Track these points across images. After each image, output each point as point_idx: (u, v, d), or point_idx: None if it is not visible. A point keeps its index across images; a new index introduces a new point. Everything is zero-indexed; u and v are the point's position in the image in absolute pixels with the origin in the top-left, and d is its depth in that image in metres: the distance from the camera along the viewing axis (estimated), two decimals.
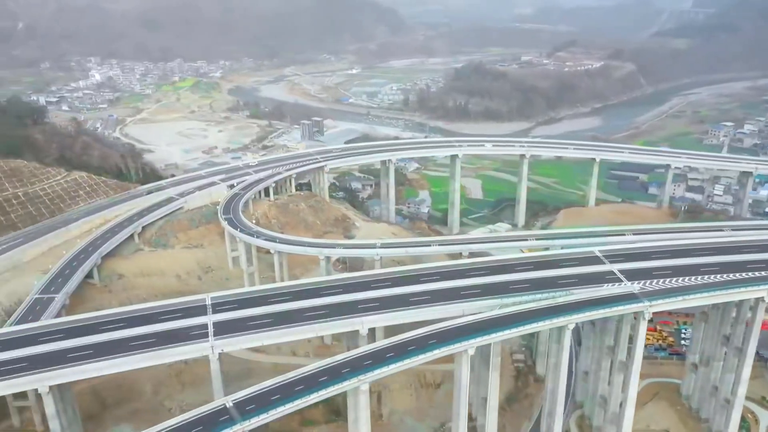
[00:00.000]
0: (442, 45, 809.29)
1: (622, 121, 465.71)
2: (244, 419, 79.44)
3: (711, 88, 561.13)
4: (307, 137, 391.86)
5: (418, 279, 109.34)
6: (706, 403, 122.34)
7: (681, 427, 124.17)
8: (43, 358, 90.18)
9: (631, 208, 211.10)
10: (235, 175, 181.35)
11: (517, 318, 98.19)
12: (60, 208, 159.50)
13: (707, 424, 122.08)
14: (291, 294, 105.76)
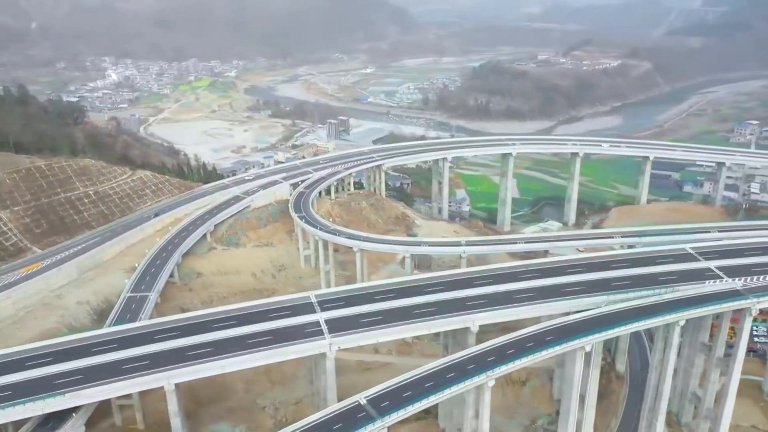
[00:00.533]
0: (453, 44, 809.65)
1: (643, 120, 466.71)
2: (384, 416, 79.50)
3: (728, 86, 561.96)
4: (333, 136, 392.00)
5: (517, 276, 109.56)
6: None
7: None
8: (164, 356, 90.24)
9: (684, 206, 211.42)
10: (296, 173, 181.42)
11: (627, 315, 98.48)
12: (129, 207, 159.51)
13: None
14: (395, 291, 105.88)
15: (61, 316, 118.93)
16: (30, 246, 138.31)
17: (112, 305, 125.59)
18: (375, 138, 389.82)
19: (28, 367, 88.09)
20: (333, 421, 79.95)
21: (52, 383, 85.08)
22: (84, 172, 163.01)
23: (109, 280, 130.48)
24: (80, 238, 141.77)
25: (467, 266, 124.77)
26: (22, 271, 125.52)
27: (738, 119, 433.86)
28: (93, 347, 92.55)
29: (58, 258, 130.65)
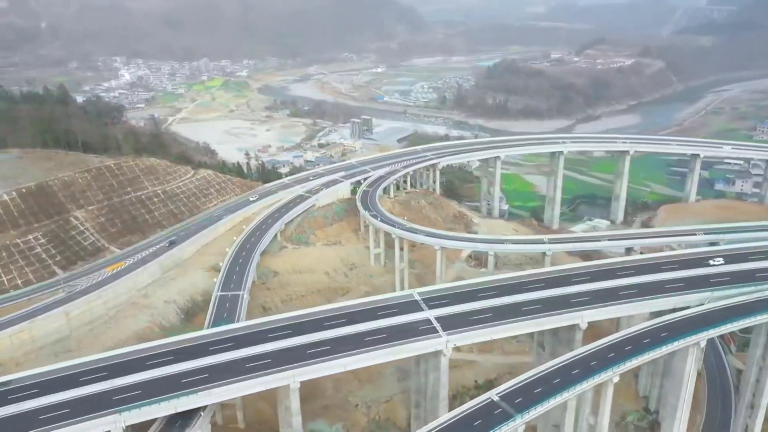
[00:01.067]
0: (461, 43, 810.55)
1: (661, 118, 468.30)
2: (522, 412, 79.79)
3: (742, 84, 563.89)
4: (357, 135, 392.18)
5: (616, 273, 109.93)
6: None
7: None
8: (285, 355, 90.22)
9: (735, 204, 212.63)
10: (355, 172, 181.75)
11: (735, 311, 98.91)
12: (196, 206, 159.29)
13: None
14: (498, 289, 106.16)
15: (150, 316, 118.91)
16: (107, 245, 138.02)
17: (198, 304, 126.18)
18: (399, 137, 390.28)
19: (149, 366, 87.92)
20: (471, 418, 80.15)
21: (179, 382, 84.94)
22: (151, 171, 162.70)
23: (191, 279, 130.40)
24: (155, 238, 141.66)
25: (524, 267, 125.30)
26: (108, 270, 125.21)
27: (757, 117, 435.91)
28: (210, 346, 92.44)
29: (139, 257, 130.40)
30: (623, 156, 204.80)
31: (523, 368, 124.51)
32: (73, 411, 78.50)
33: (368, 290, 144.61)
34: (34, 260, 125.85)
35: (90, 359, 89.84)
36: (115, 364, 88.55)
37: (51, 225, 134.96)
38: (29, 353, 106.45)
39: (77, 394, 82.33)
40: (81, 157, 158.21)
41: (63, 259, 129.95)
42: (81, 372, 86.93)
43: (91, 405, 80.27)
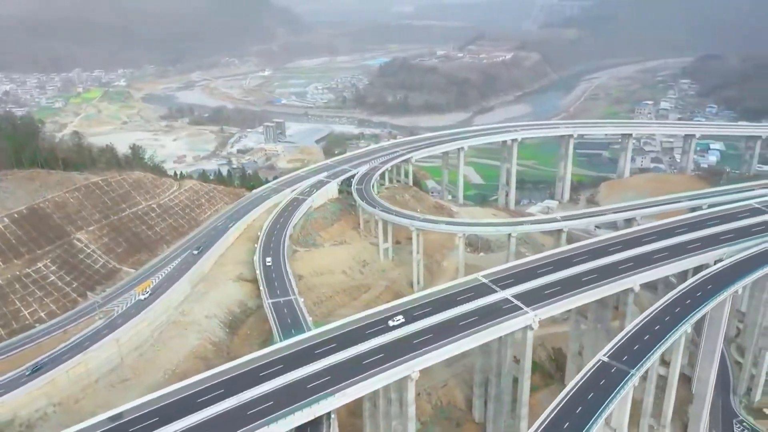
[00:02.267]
0: (344, 43, 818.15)
1: (547, 106, 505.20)
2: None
3: (608, 72, 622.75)
4: (271, 139, 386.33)
5: (641, 241, 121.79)
6: None
7: None
8: (394, 348, 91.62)
9: (663, 177, 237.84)
10: (336, 172, 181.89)
11: (755, 261, 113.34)
12: (193, 218, 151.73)
13: None
14: (552, 264, 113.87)
15: (198, 333, 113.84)
16: (119, 266, 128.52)
17: (237, 316, 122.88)
18: (317, 138, 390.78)
19: (265, 377, 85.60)
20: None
21: (305, 388, 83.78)
22: (139, 185, 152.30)
23: (223, 291, 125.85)
24: (167, 254, 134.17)
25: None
26: (137, 290, 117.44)
27: (630, 101, 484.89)
28: (314, 350, 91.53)
29: (164, 274, 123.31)
30: (566, 140, 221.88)
31: (560, 338, 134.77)
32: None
33: (387, 284, 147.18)
34: (51, 290, 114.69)
35: (199, 378, 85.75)
36: (227, 380, 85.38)
37: (56, 250, 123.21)
38: (87, 388, 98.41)
39: (203, 416, 78.63)
40: (65, 175, 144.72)
41: (80, 285, 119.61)
42: (195, 393, 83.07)
43: (226, 426, 77.19)
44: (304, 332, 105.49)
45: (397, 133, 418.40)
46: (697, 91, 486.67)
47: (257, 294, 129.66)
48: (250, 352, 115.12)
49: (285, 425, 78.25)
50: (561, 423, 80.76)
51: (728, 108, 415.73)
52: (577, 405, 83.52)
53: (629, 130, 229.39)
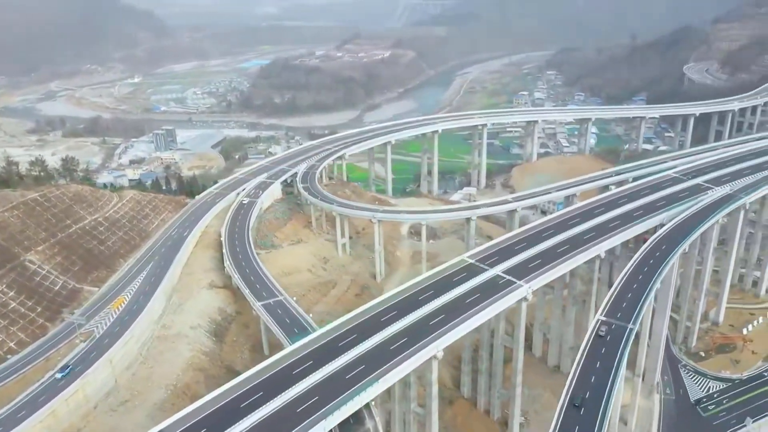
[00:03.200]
0: (212, 46, 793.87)
1: (430, 101, 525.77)
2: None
3: (478, 66, 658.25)
4: (163, 147, 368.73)
5: (593, 213, 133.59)
6: None
7: None
8: (415, 331, 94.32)
9: (566, 158, 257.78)
10: (276, 172, 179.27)
11: (693, 221, 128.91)
12: (143, 229, 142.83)
13: None
14: (525, 240, 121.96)
15: (188, 344, 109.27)
16: (80, 286, 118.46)
17: (220, 323, 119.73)
18: (212, 143, 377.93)
19: (300, 375, 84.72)
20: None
21: (344, 379, 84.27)
22: (80, 198, 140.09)
23: (200, 300, 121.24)
24: (127, 268, 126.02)
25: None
26: (113, 308, 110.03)
27: (504, 92, 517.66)
28: (338, 342, 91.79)
29: (135, 288, 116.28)
30: (480, 129, 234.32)
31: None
32: None
33: (352, 278, 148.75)
34: (15, 317, 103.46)
35: (236, 383, 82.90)
36: (261, 383, 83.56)
37: (9, 275, 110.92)
38: (87, 415, 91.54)
39: (252, 421, 76.75)
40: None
41: (44, 309, 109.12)
42: (237, 397, 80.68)
43: (279, 427, 76.04)
44: (309, 330, 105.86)
45: (294, 134, 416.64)
46: (563, 81, 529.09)
47: (233, 300, 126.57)
48: (241, 360, 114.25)
49: (333, 420, 78.30)
50: (588, 376, 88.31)
51: (593, 95, 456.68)
52: (595, 360, 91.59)
53: (535, 117, 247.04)
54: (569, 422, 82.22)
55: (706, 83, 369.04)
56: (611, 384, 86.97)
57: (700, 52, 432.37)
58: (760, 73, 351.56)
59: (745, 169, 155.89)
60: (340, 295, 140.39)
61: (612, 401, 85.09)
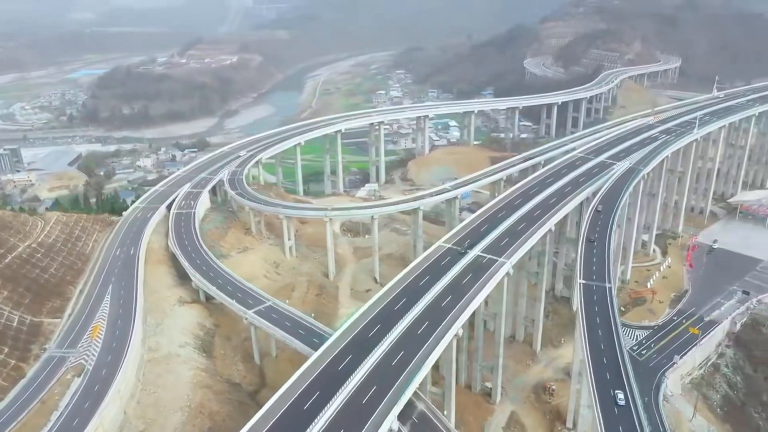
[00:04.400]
0: (30, 56, 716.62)
1: (289, 104, 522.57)
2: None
3: (327, 68, 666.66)
4: (8, 169, 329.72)
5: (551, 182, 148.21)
6: None
7: None
8: (432, 315, 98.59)
9: (455, 149, 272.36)
10: (199, 181, 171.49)
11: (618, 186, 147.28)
12: (80, 252, 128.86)
13: None
14: (486, 222, 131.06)
15: (184, 363, 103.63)
16: (37, 319, 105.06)
17: (204, 338, 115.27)
18: (68, 161, 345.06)
19: (345, 371, 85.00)
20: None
21: (391, 366, 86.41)
22: (5, 225, 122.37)
23: (177, 317, 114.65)
24: (79, 294, 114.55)
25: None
26: (92, 337, 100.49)
27: (359, 92, 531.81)
28: (367, 334, 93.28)
29: (111, 314, 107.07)
30: (376, 127, 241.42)
31: None
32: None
33: (308, 279, 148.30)
34: None
35: (288, 386, 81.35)
36: (314, 382, 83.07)
37: None
38: None
39: (326, 418, 76.42)
40: None
41: (11, 349, 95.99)
42: (296, 401, 79.46)
43: (353, 421, 76.67)
44: (318, 330, 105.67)
45: (160, 145, 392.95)
46: (413, 79, 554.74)
47: (208, 313, 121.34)
48: (237, 371, 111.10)
49: (400, 405, 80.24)
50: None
51: (445, 91, 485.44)
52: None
53: (425, 112, 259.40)
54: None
55: (548, 76, 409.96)
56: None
57: (534, 48, 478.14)
58: (591, 65, 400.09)
59: (633, 146, 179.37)
60: (302, 297, 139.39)
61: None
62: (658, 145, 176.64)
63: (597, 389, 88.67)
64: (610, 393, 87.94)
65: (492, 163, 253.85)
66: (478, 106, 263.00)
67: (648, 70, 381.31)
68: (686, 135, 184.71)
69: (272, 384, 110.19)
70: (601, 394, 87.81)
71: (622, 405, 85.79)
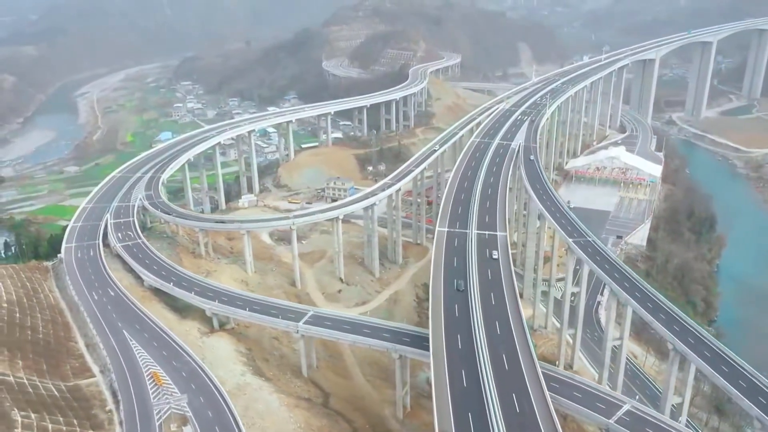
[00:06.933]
0: None
1: (70, 128, 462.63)
2: None
3: (93, 85, 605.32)
4: None
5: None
6: None
7: None
8: None
9: (320, 150, 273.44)
10: (119, 207, 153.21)
11: None
12: (53, 304, 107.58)
13: None
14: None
15: (259, 389, 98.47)
16: (72, 383, 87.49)
17: (249, 363, 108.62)
18: None
19: None
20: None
21: None
22: None
23: (214, 349, 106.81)
24: (90, 347, 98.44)
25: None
26: (159, 383, 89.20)
27: (147, 107, 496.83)
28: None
29: (144, 361, 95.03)
30: (250, 136, 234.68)
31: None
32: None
33: (282, 291, 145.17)
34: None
35: None
36: None
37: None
38: None
39: None
40: None
41: (78, 418, 79.99)
42: None
43: None
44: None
45: None
46: (205, 89, 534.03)
47: (235, 339, 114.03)
48: (298, 389, 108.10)
49: None
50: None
51: (246, 99, 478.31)
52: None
53: (290, 117, 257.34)
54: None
55: (351, 76, 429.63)
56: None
57: (327, 51, 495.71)
58: (389, 63, 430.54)
59: (512, 127, 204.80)
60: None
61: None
62: (516, 121, 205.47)
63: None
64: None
65: (356, 160, 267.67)
66: (295, 116, 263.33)
67: (443, 65, 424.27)
68: (542, 113, 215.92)
69: (333, 391, 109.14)
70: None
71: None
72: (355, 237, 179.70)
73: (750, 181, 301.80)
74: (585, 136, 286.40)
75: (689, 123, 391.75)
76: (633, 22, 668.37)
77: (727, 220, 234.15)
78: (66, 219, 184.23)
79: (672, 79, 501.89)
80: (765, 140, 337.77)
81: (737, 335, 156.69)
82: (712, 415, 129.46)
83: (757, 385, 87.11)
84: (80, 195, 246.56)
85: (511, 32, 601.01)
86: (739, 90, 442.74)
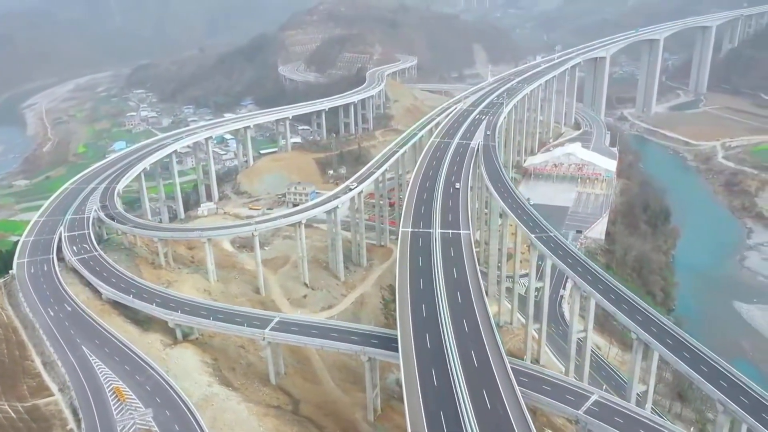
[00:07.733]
0: None
1: (18, 141, 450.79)
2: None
3: (41, 96, 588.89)
4: None
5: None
6: None
7: None
8: None
9: (279, 155, 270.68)
10: (74, 219, 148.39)
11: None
12: (4, 323, 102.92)
13: None
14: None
15: (228, 400, 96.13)
16: (29, 403, 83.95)
17: (215, 374, 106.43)
18: None
19: None
20: None
21: None
22: None
23: (180, 360, 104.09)
24: (48, 366, 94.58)
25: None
26: (122, 400, 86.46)
27: (99, 117, 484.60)
28: None
29: (107, 378, 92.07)
30: (208, 142, 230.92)
31: None
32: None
33: (246, 299, 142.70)
34: None
35: None
36: None
37: None
38: None
39: None
40: None
41: None
42: None
43: None
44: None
45: None
46: (159, 97, 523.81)
47: (200, 350, 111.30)
48: (267, 397, 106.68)
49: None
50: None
51: (201, 106, 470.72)
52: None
53: (248, 122, 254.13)
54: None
55: (309, 81, 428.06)
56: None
57: (283, 56, 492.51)
58: (345, 67, 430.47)
59: (471, 126, 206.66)
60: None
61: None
62: (474, 120, 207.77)
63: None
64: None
65: (317, 164, 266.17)
66: (252, 121, 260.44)
67: (400, 67, 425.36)
68: (500, 112, 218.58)
69: (302, 398, 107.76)
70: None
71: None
72: (319, 241, 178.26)
73: (700, 173, 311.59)
74: (542, 134, 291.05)
75: (641, 118, 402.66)
76: (584, 22, 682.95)
77: (681, 212, 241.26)
78: (17, 234, 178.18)
79: (622, 77, 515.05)
80: (712, 133, 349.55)
81: (696, 323, 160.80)
82: (674, 401, 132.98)
83: (718, 369, 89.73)
84: (31, 209, 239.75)
85: (466, 34, 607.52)
86: (687, 86, 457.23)
